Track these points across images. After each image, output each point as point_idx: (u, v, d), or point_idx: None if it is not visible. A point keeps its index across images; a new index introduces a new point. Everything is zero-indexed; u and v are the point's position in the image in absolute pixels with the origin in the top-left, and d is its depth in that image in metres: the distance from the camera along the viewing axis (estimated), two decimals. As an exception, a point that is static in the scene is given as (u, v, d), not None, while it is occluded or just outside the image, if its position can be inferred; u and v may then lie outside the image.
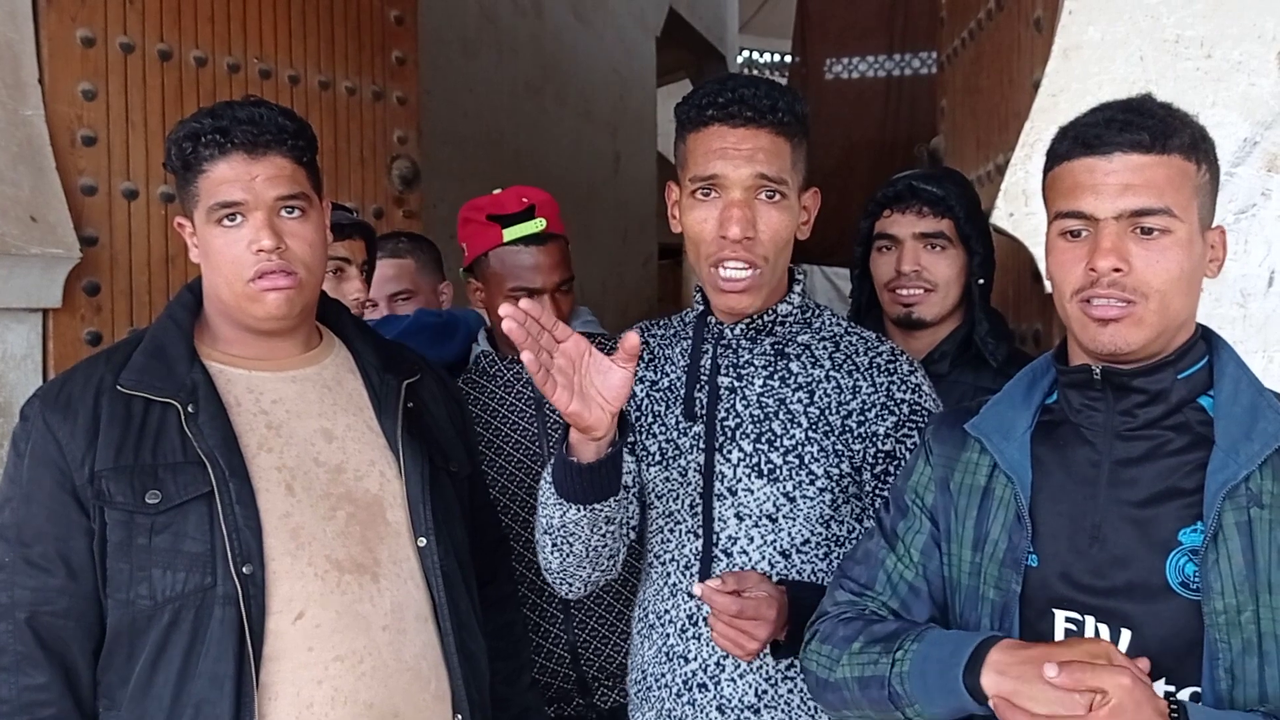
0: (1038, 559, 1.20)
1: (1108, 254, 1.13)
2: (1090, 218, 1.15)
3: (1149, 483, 1.16)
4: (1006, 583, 1.21)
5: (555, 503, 1.42)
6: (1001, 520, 1.23)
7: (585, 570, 1.50)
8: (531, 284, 1.94)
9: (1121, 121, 1.14)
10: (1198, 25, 1.74)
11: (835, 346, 1.51)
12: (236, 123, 1.38)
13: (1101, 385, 1.18)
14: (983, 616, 1.23)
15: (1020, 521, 1.21)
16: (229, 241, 1.39)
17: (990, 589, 1.22)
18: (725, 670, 1.47)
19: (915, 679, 1.16)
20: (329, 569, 1.40)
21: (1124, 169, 1.13)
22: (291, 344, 1.50)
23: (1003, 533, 1.22)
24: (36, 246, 2.07)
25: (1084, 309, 1.16)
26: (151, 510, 1.33)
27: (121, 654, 1.34)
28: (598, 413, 1.29)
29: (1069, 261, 1.17)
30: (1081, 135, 1.16)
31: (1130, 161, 1.13)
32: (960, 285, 1.94)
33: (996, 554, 1.23)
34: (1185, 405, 1.18)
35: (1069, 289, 1.17)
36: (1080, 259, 1.16)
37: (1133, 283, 1.13)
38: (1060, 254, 1.18)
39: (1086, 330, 1.16)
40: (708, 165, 1.41)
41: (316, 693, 1.35)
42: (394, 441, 1.51)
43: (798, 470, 1.45)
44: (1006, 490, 1.23)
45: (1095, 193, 1.14)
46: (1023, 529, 1.20)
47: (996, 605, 1.21)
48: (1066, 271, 1.17)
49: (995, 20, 2.40)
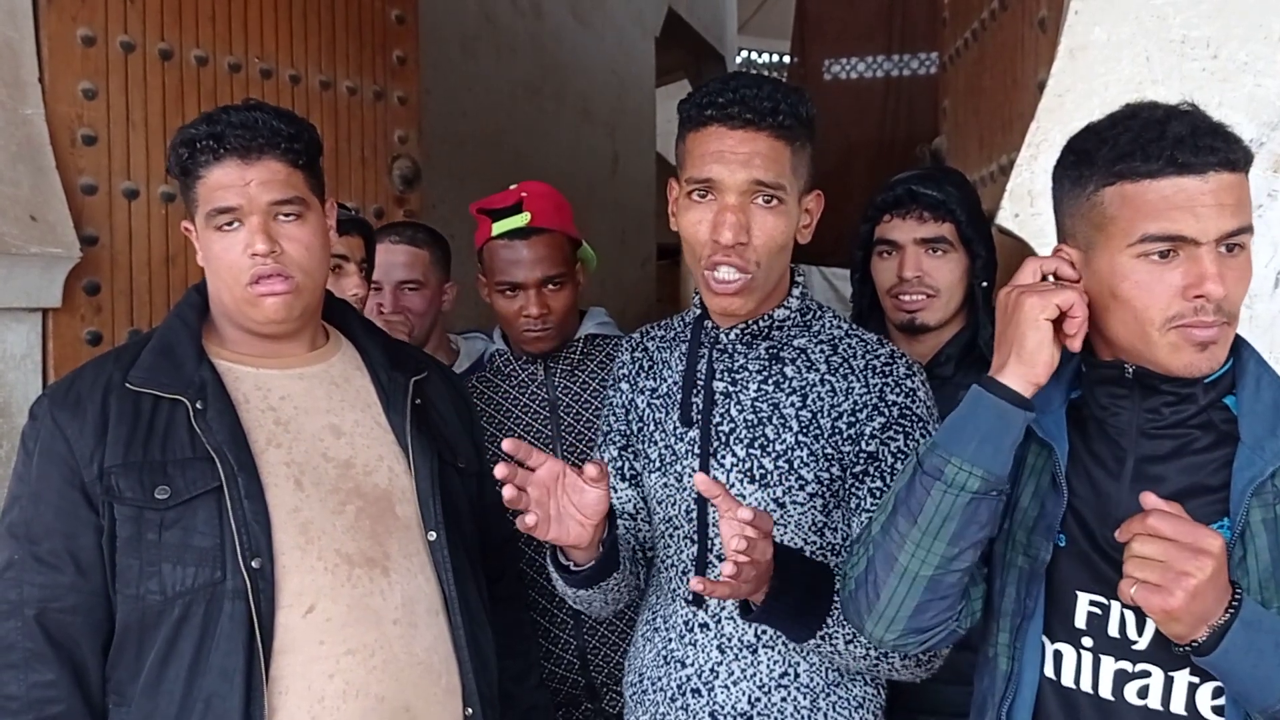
0: (1065, 539, 1.20)
1: (1218, 280, 1.09)
2: (1190, 241, 1.10)
3: (1175, 480, 1.16)
4: (1036, 549, 1.21)
5: (564, 585, 1.49)
6: (1033, 488, 1.23)
7: (609, 609, 1.58)
8: (514, 278, 1.94)
9: (1209, 139, 1.11)
10: (1204, 25, 1.74)
11: (833, 350, 1.49)
12: (230, 128, 1.39)
13: (1131, 383, 1.17)
14: (1007, 584, 1.24)
15: (1056, 487, 1.20)
16: (226, 246, 1.40)
17: (1018, 555, 1.23)
18: (719, 676, 1.46)
19: (945, 435, 1.16)
20: (339, 563, 1.40)
21: (1219, 189, 1.10)
22: (297, 344, 1.51)
23: (1034, 500, 1.23)
24: (36, 246, 2.06)
25: (1183, 335, 1.11)
26: (161, 505, 1.33)
27: (131, 650, 1.34)
28: (576, 530, 1.34)
29: (1160, 286, 1.11)
30: (1176, 154, 1.10)
31: (1224, 181, 1.10)
32: (963, 288, 1.93)
33: (1026, 520, 1.23)
34: (1211, 406, 1.17)
35: (1160, 316, 1.11)
36: (1173, 283, 1.11)
37: (1228, 306, 1.11)
38: (1145, 277, 1.12)
39: (1181, 356, 1.12)
40: (704, 167, 1.39)
41: (328, 686, 1.36)
42: (402, 437, 1.52)
43: (788, 475, 1.43)
44: (1039, 458, 1.23)
45: (1195, 215, 1.09)
46: (1058, 495, 1.19)
47: (1024, 572, 1.22)
48: (1155, 297, 1.11)
49: (999, 20, 2.40)
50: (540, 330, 1.97)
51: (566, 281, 1.98)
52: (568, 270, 1.98)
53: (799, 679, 1.44)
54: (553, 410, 2.02)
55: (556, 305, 1.96)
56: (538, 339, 1.98)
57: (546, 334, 1.98)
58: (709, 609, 1.48)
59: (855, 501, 1.44)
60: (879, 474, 1.43)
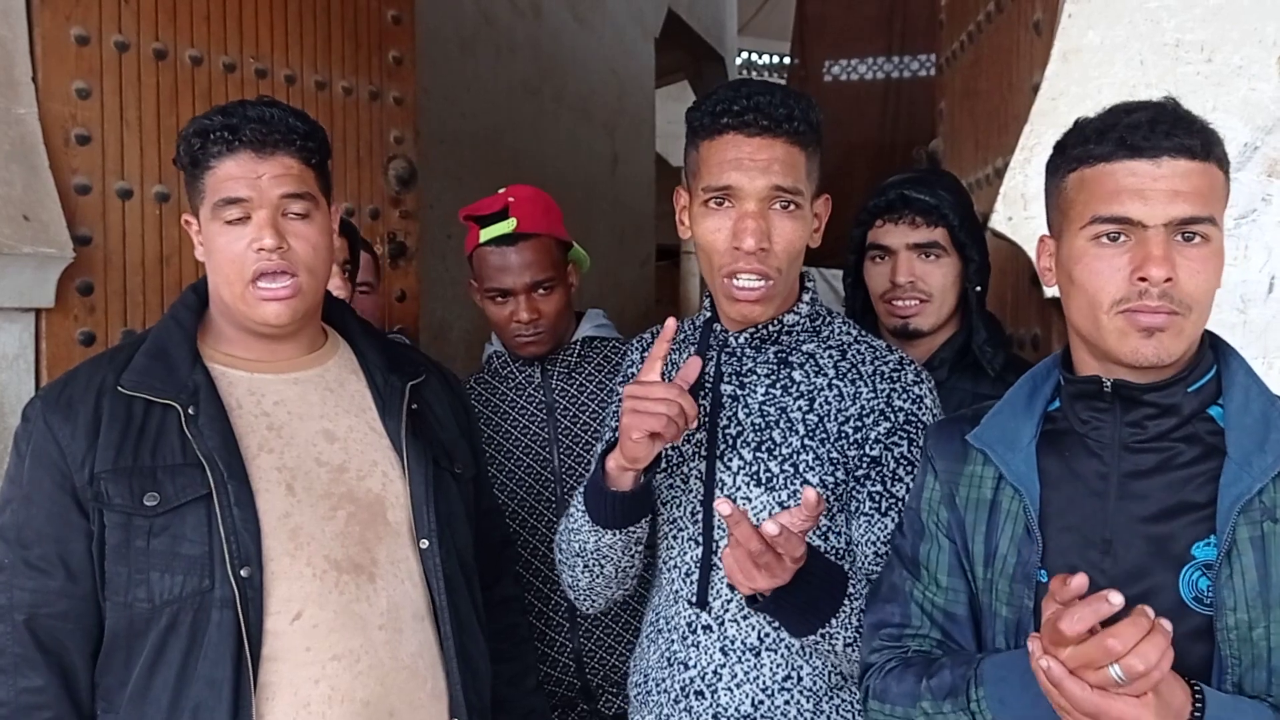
0: (1047, 574, 1.16)
1: (1160, 262, 1.07)
2: (1136, 224, 1.09)
3: (1160, 496, 1.14)
4: (1018, 599, 1.18)
5: (590, 529, 1.47)
6: (1010, 534, 1.20)
7: (611, 589, 1.57)
8: (502, 284, 1.94)
9: (1168, 125, 1.10)
10: (1198, 29, 1.73)
11: (842, 355, 1.50)
12: (246, 121, 1.38)
13: (1111, 397, 1.15)
14: (996, 634, 1.20)
15: (1030, 535, 1.17)
16: (231, 239, 1.38)
17: (1002, 605, 1.20)
18: (722, 679, 1.46)
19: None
20: (327, 569, 1.39)
21: (1172, 174, 1.09)
22: (294, 345, 1.50)
23: (1011, 547, 1.19)
24: (29, 246, 2.06)
25: (1128, 319, 1.10)
26: (149, 512, 1.32)
27: (119, 657, 1.33)
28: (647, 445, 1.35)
29: (1107, 270, 1.11)
30: (1126, 136, 1.10)
31: (1178, 167, 1.09)
32: (956, 293, 1.92)
33: (1006, 569, 1.20)
34: (1195, 417, 1.15)
35: (1107, 299, 1.11)
36: (1121, 267, 1.10)
37: (1178, 293, 1.09)
38: (1094, 260, 1.12)
39: (1127, 342, 1.11)
40: (722, 175, 1.39)
41: (314, 692, 1.35)
42: (398, 442, 1.51)
43: (793, 479, 1.43)
44: (1014, 503, 1.20)
45: (1143, 198, 1.09)
46: (1033, 543, 1.17)
47: (1010, 622, 1.19)
48: (1104, 280, 1.11)
49: (994, 23, 2.40)
50: (532, 335, 1.96)
51: (556, 285, 1.97)
52: (557, 274, 1.97)
53: (802, 682, 1.44)
54: (550, 412, 2.02)
55: (547, 309, 1.96)
56: (529, 344, 1.98)
57: (538, 338, 1.97)
58: (712, 611, 1.47)
59: (855, 504, 1.44)
60: (880, 478, 1.42)
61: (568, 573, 1.56)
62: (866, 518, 1.42)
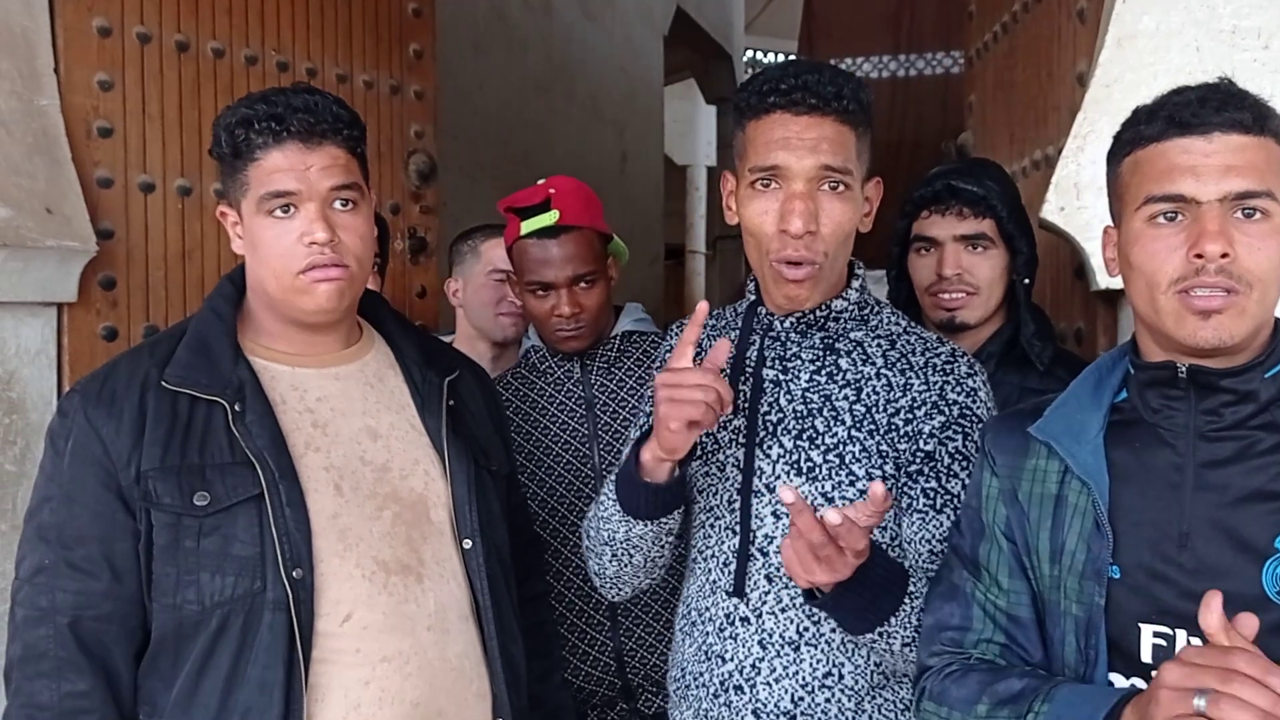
0: (1119, 570, 1.13)
1: (1216, 237, 1.05)
2: (1190, 201, 1.07)
3: (1239, 485, 1.10)
4: (1089, 596, 1.14)
5: (621, 518, 1.42)
6: (1078, 529, 1.16)
7: (639, 578, 1.52)
8: (544, 278, 1.90)
9: (1218, 101, 1.08)
10: (1255, 15, 1.70)
11: (891, 345, 1.45)
12: (292, 110, 1.33)
13: (1186, 384, 1.12)
14: (1066, 633, 1.17)
15: (1099, 530, 1.14)
16: (280, 233, 1.34)
17: (1072, 604, 1.16)
18: (761, 673, 1.42)
19: None
20: (376, 570, 1.36)
21: (1225, 149, 1.07)
22: (334, 339, 1.46)
23: (1080, 543, 1.16)
24: (52, 239, 2.02)
25: (1183, 301, 1.08)
26: (200, 512, 1.28)
27: (166, 660, 1.29)
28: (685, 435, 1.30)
29: (1163, 250, 1.09)
30: (1175, 114, 1.09)
31: (1231, 142, 1.07)
32: (1003, 286, 1.88)
33: (1075, 566, 1.16)
34: (1273, 404, 1.12)
35: (1165, 279, 1.09)
36: (1177, 246, 1.08)
37: (1238, 270, 1.06)
38: (1151, 242, 1.10)
39: (1185, 325, 1.08)
40: (769, 155, 1.35)
41: (364, 694, 1.32)
42: (438, 441, 1.48)
43: (838, 470, 1.39)
44: (1081, 497, 1.17)
45: (1195, 175, 1.07)
46: (1103, 538, 1.14)
47: (1080, 621, 1.15)
48: (1161, 260, 1.09)
49: (1032, 13, 2.36)
50: (573, 330, 1.92)
51: (598, 279, 1.93)
52: (599, 267, 1.93)
53: (843, 680, 1.40)
54: (589, 408, 1.98)
55: (589, 303, 1.91)
56: (571, 338, 1.94)
57: (579, 333, 1.93)
58: (749, 602, 1.43)
59: (907, 501, 1.39)
60: (934, 474, 1.38)
61: (594, 560, 1.52)
62: (920, 515, 1.38)
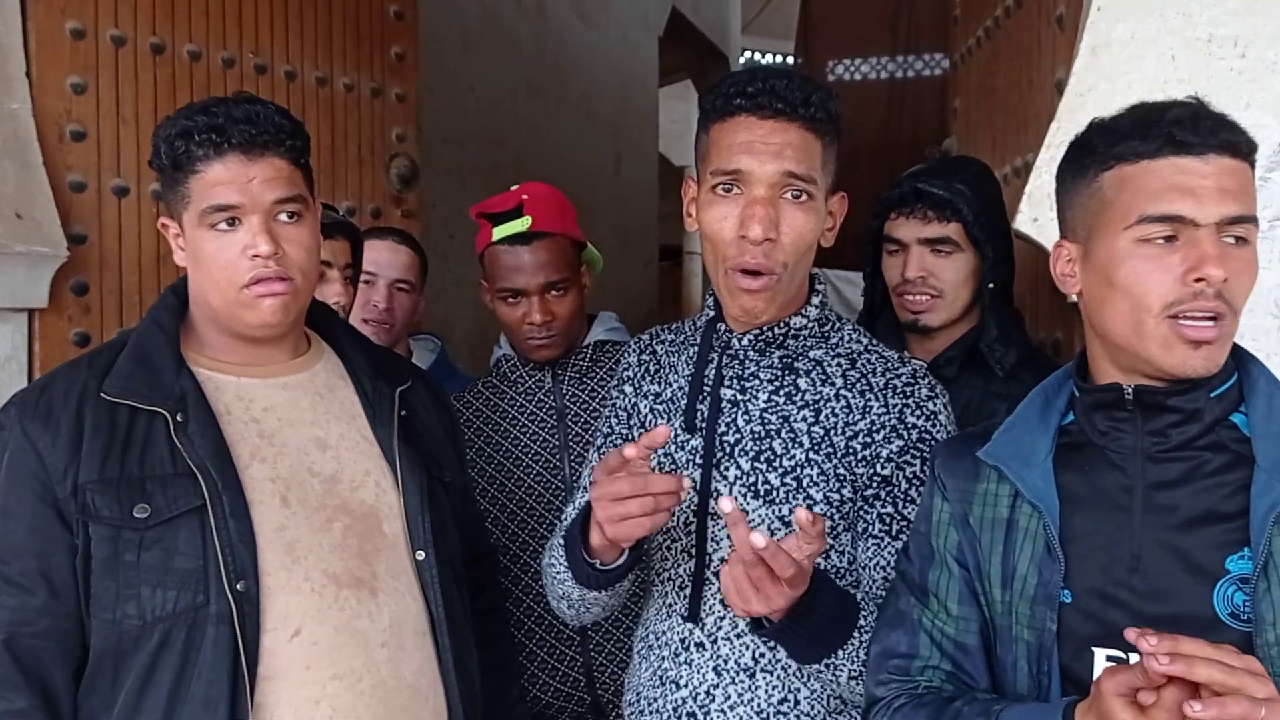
0: (1071, 594, 1.11)
1: (1218, 261, 1.03)
2: (1188, 223, 1.05)
3: (1188, 507, 1.09)
4: (1041, 622, 1.12)
5: (574, 583, 1.41)
6: (1029, 554, 1.15)
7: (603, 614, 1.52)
8: (515, 284, 1.88)
9: (1212, 123, 1.06)
10: (1231, 23, 1.67)
11: (851, 364, 1.42)
12: (233, 121, 1.31)
13: (1132, 405, 1.10)
14: (1019, 659, 1.15)
15: (1051, 554, 1.12)
16: (222, 246, 1.32)
17: (1024, 629, 1.14)
18: (715, 700, 1.39)
19: None
20: (326, 584, 1.33)
21: (1220, 172, 1.05)
22: (280, 350, 1.44)
23: (1031, 567, 1.14)
24: (22, 244, 2.00)
25: (1174, 329, 1.05)
26: (140, 525, 1.25)
27: (106, 677, 1.27)
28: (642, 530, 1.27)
29: (1157, 271, 1.06)
30: (1174, 133, 1.06)
31: (1224, 165, 1.06)
32: (970, 289, 1.86)
33: (1026, 591, 1.14)
34: (1218, 424, 1.10)
35: (1157, 302, 1.06)
36: (1172, 267, 1.05)
37: (1229, 295, 1.05)
38: (1141, 262, 1.07)
39: (1174, 352, 1.06)
40: (731, 159, 1.32)
41: (315, 712, 1.30)
42: (389, 452, 1.45)
43: (795, 493, 1.36)
44: (1033, 521, 1.15)
45: (1195, 196, 1.04)
46: (1054, 562, 1.12)
47: (1032, 646, 1.13)
48: (1154, 283, 1.06)
49: (1013, 18, 2.34)
50: (544, 338, 1.90)
51: (570, 286, 1.91)
52: (571, 275, 1.91)
53: (799, 705, 1.37)
54: (560, 418, 1.96)
55: (561, 311, 1.89)
56: (542, 346, 1.92)
57: (551, 341, 1.91)
58: (705, 627, 1.41)
59: (864, 525, 1.37)
60: (891, 499, 1.36)
61: (554, 602, 1.51)
62: (876, 540, 1.35)
